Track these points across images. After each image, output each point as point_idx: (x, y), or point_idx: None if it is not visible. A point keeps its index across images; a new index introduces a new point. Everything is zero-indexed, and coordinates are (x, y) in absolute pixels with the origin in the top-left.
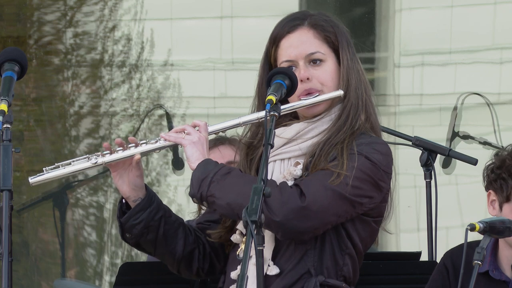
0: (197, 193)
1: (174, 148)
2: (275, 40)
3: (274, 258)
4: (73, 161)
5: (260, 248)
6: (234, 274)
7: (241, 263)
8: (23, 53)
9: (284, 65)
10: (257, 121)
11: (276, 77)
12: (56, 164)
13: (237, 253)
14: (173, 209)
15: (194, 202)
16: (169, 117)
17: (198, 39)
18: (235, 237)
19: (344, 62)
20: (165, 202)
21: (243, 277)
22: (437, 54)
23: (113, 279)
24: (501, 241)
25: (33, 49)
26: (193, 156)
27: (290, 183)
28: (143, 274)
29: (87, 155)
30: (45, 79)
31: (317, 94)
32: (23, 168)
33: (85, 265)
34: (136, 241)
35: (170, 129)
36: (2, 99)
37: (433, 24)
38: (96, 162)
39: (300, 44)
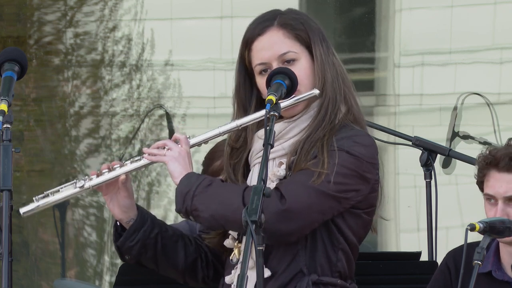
0: (182, 208)
1: None
2: (247, 43)
3: (265, 261)
4: (61, 188)
5: (260, 248)
6: (228, 279)
7: (236, 266)
8: (23, 53)
9: (259, 68)
10: (237, 128)
11: (276, 77)
12: (45, 192)
13: (231, 258)
14: (173, 209)
15: (182, 217)
16: (169, 117)
17: (198, 39)
18: (227, 242)
19: (318, 58)
20: (165, 202)
21: (243, 277)
22: (437, 54)
23: (113, 279)
24: (500, 241)
25: (33, 49)
26: (176, 171)
27: (274, 184)
28: (143, 274)
29: (74, 180)
30: (45, 79)
31: (294, 95)
32: (23, 168)
33: (85, 265)
34: (136, 261)
35: (170, 129)
36: (2, 99)
37: (433, 24)
38: (83, 186)
39: (272, 46)
